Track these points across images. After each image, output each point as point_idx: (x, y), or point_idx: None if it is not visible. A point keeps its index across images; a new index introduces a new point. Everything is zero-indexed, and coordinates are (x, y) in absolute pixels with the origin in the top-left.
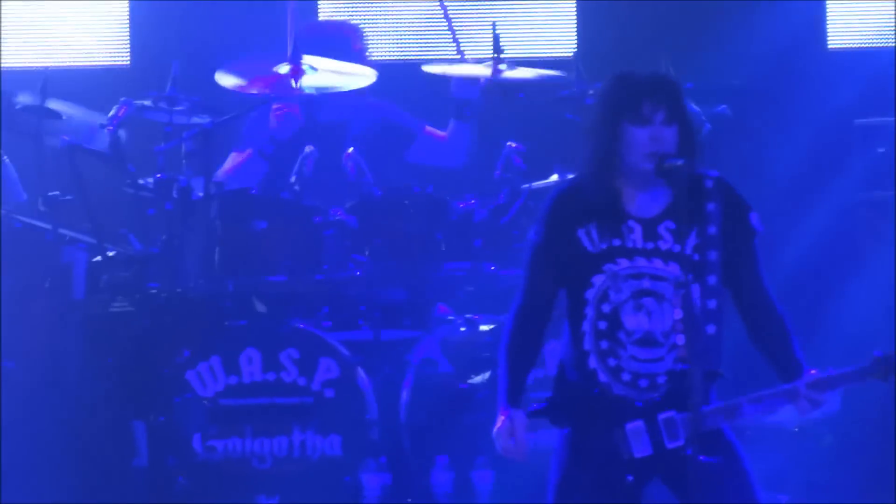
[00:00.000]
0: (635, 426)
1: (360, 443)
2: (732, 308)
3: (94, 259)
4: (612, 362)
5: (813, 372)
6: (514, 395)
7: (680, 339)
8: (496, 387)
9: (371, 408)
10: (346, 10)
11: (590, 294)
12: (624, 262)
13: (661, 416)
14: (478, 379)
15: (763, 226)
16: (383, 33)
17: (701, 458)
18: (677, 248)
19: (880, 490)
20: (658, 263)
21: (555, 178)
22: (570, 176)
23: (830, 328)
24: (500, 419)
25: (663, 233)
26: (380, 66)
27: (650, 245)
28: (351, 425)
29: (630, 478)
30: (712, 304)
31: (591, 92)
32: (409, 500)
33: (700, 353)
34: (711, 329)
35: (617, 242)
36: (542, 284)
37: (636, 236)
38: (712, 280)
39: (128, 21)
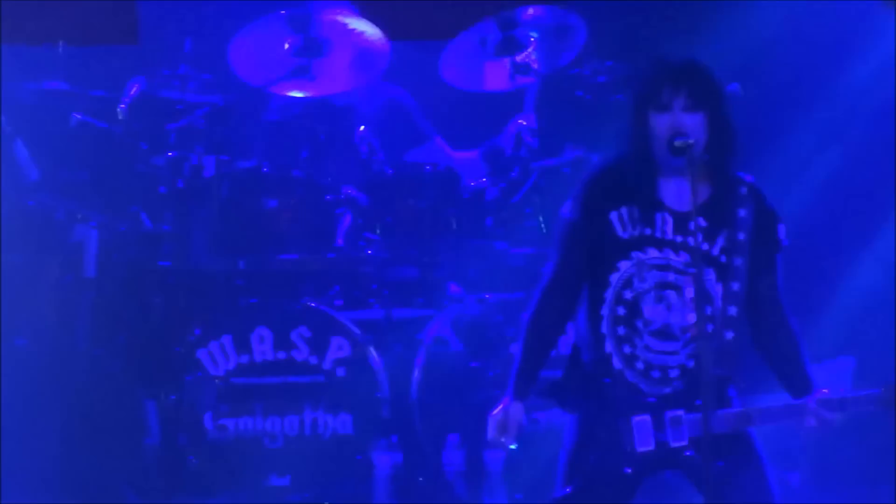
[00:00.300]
0: (641, 420)
1: (372, 421)
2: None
3: (106, 238)
4: (627, 349)
5: (825, 391)
6: (524, 384)
7: (693, 322)
8: (507, 365)
9: (382, 386)
10: None
11: (613, 278)
12: (653, 252)
13: (669, 414)
14: None
15: (789, 240)
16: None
17: (702, 460)
18: (706, 247)
19: (886, 469)
20: (685, 258)
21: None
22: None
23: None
24: (500, 407)
25: (693, 228)
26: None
27: (679, 238)
28: (362, 404)
29: (628, 470)
30: (733, 310)
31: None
32: (421, 479)
33: (714, 356)
34: (730, 335)
35: (648, 231)
36: (573, 263)
37: (668, 228)
38: (736, 286)
39: None
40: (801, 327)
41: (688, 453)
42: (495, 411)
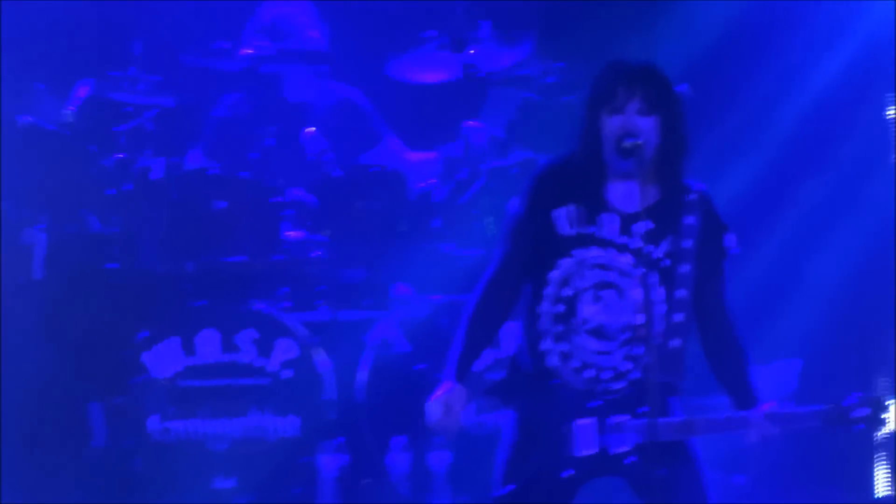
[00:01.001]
0: (584, 425)
1: (318, 424)
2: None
3: (54, 240)
4: (564, 347)
5: (771, 404)
6: (464, 368)
7: (638, 348)
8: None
9: (329, 389)
10: None
11: (553, 275)
12: (596, 251)
13: (612, 420)
14: None
15: (738, 249)
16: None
17: (648, 467)
18: (649, 250)
19: (835, 470)
20: (628, 259)
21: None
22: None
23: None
24: (440, 390)
25: (640, 231)
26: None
27: (624, 240)
28: (309, 406)
29: (568, 473)
30: (679, 317)
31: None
32: (367, 481)
33: (659, 364)
34: (676, 343)
35: (593, 230)
36: (516, 257)
37: (613, 228)
38: (682, 293)
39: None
40: (750, 329)
41: (629, 460)
42: (434, 397)
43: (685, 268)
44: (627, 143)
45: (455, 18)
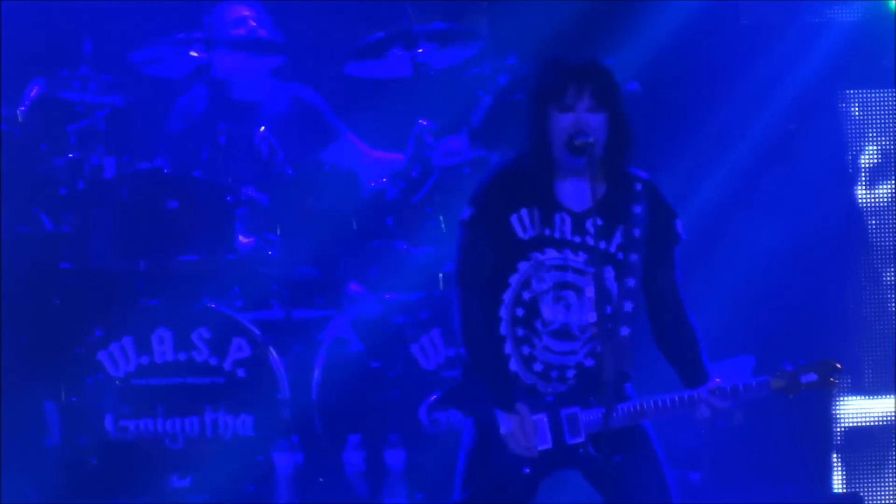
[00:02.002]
0: (538, 419)
1: (272, 422)
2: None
3: (7, 240)
4: (525, 350)
5: (717, 380)
6: (507, 393)
7: (593, 321)
8: (408, 365)
9: (283, 387)
10: None
11: (513, 279)
12: (552, 253)
13: (564, 412)
14: None
15: (686, 234)
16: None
17: (597, 455)
18: (603, 245)
19: (788, 467)
20: (583, 257)
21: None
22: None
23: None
24: (507, 421)
25: (591, 228)
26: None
27: (578, 238)
28: (263, 405)
29: (527, 469)
30: (629, 306)
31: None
32: (322, 479)
33: (611, 352)
34: (626, 331)
35: (547, 232)
36: (479, 266)
37: (566, 228)
38: (631, 283)
39: None
40: (702, 326)
41: (585, 450)
42: (506, 431)
43: (634, 257)
44: (580, 141)
45: (405, 16)
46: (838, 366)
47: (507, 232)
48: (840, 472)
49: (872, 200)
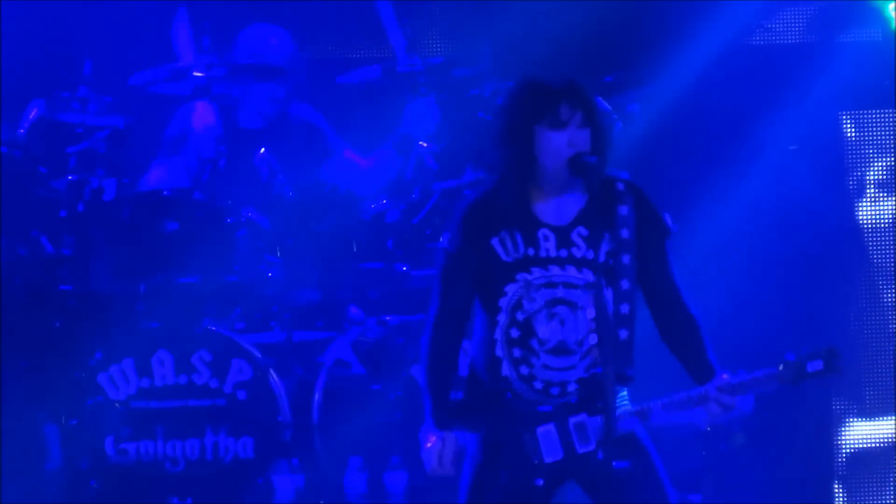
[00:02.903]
0: (546, 430)
1: (273, 445)
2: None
3: (6, 262)
4: (524, 370)
5: (724, 376)
6: (442, 415)
7: (592, 341)
8: (409, 387)
9: (283, 410)
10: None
11: (503, 302)
12: (538, 272)
13: (572, 420)
14: None
15: (676, 226)
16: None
17: (612, 462)
18: (591, 255)
19: (789, 489)
20: (572, 271)
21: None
22: (479, 182)
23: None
24: (432, 439)
25: (576, 240)
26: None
27: (564, 253)
28: (263, 427)
29: (540, 482)
30: (625, 308)
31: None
32: (322, 502)
33: (612, 357)
34: (624, 334)
35: (531, 252)
36: (457, 294)
37: (550, 245)
38: (626, 285)
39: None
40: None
41: (596, 458)
42: (428, 445)
43: (626, 258)
44: (583, 162)
45: (405, 36)
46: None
47: (491, 256)
48: (841, 494)
49: (872, 220)
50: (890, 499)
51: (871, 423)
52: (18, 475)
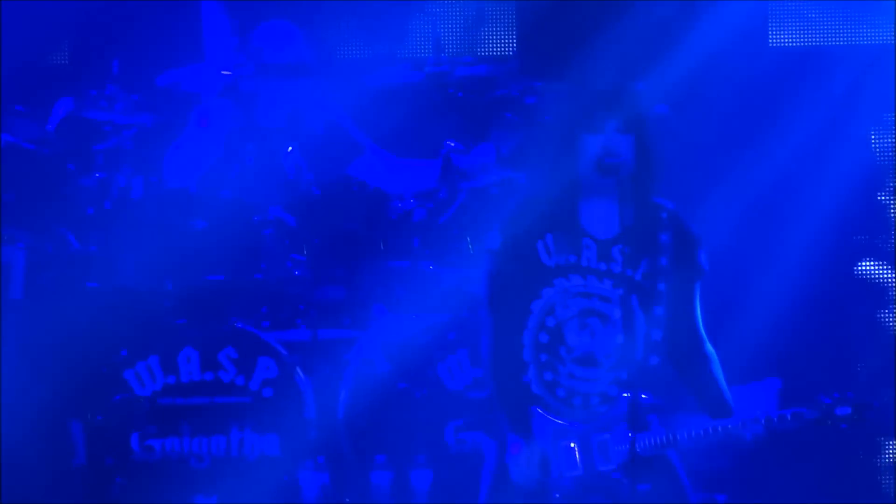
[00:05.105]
0: (567, 444)
1: (299, 442)
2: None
3: (33, 259)
4: (548, 377)
5: (752, 414)
6: (521, 421)
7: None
8: (434, 386)
9: (309, 407)
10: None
11: (536, 306)
12: (577, 280)
13: (596, 438)
14: None
15: (709, 265)
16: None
17: (634, 483)
18: (629, 273)
19: (818, 489)
20: (608, 285)
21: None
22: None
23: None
24: (516, 449)
25: (616, 255)
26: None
27: (603, 266)
28: (289, 425)
29: (557, 495)
30: (657, 335)
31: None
32: (348, 500)
33: (640, 381)
34: (655, 360)
35: (573, 259)
36: (507, 293)
37: (591, 255)
38: (659, 311)
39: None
40: (728, 348)
41: (615, 476)
42: (515, 453)
43: (661, 285)
44: (609, 161)
45: (434, 37)
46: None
47: (533, 258)
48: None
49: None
50: None
51: None
52: (44, 471)
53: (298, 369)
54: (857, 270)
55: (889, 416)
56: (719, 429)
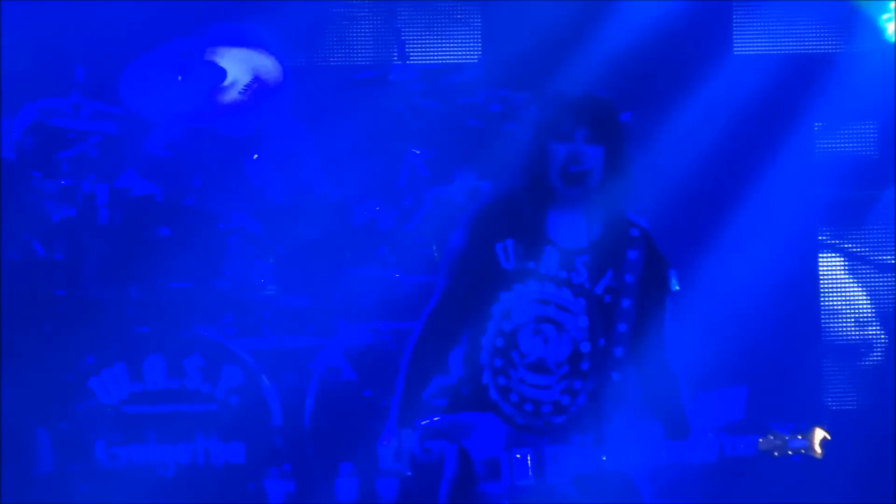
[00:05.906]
0: (521, 454)
1: (264, 450)
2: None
3: None
4: (502, 381)
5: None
6: (408, 412)
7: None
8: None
9: (275, 415)
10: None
11: (495, 309)
12: (534, 286)
13: (549, 449)
14: None
15: (679, 285)
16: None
17: (583, 498)
18: (588, 285)
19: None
20: (567, 294)
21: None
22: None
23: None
24: (389, 437)
25: (579, 266)
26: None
27: (563, 275)
28: (255, 432)
29: (506, 502)
30: (619, 351)
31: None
32: None
33: (601, 395)
34: (616, 376)
35: (532, 265)
36: (458, 291)
37: (552, 263)
38: (622, 328)
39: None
40: (695, 355)
41: (565, 491)
42: (384, 440)
43: (626, 302)
44: (574, 170)
45: (398, 45)
46: (828, 436)
47: (492, 260)
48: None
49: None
50: None
51: None
52: (9, 479)
53: (264, 377)
54: (825, 276)
55: (889, 417)
56: (672, 452)
